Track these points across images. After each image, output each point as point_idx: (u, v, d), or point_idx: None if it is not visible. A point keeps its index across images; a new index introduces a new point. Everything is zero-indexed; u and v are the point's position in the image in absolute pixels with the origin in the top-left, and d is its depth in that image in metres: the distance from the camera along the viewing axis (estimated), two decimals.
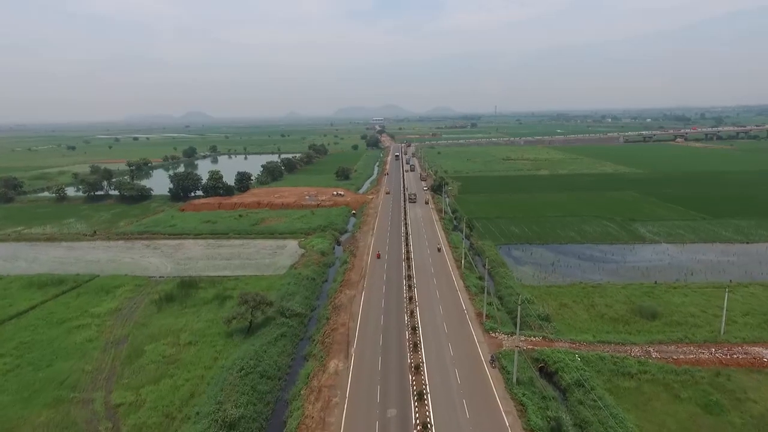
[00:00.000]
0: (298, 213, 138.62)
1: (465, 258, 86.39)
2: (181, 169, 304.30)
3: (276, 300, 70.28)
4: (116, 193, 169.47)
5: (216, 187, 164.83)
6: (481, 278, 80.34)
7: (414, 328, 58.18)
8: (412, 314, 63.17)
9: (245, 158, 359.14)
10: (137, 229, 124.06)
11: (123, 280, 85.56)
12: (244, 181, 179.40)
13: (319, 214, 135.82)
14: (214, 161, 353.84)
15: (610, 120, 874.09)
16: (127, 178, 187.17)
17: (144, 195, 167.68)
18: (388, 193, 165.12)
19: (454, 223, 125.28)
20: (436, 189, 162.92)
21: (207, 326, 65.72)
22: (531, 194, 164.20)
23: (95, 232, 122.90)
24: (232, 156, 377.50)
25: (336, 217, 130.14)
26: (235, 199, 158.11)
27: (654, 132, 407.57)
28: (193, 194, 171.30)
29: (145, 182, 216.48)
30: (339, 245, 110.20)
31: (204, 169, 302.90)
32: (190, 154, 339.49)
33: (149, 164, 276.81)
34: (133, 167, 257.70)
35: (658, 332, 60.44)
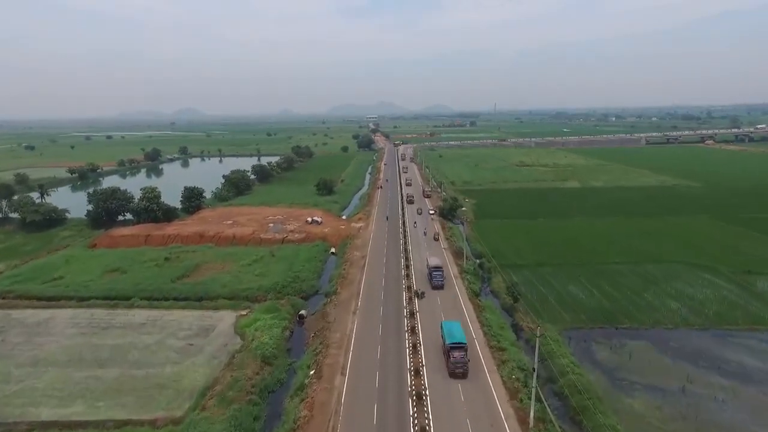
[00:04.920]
0: (253, 253, 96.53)
1: (528, 382, 44.79)
2: (142, 175, 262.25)
3: None
4: (18, 216, 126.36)
5: (150, 209, 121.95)
6: None
7: None
8: None
9: (220, 161, 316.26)
10: None
11: None
12: (193, 199, 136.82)
13: (281, 257, 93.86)
14: (185, 164, 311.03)
15: (614, 119, 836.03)
16: (37, 194, 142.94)
17: (56, 219, 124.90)
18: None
19: (482, 276, 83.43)
20: (447, 213, 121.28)
21: None
22: (571, 219, 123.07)
23: None
24: (206, 159, 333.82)
25: (305, 265, 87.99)
26: (173, 227, 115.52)
27: (680, 133, 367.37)
28: (123, 217, 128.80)
29: (77, 197, 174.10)
30: (302, 322, 68.33)
31: (171, 174, 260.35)
32: (154, 157, 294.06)
33: (98, 170, 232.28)
34: (75, 174, 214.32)
35: None
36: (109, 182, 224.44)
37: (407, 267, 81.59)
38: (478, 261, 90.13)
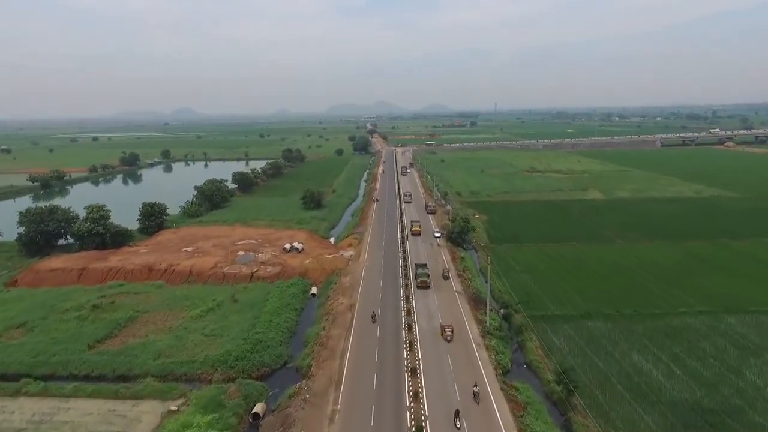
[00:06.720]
0: (210, 296, 74.81)
1: None
2: (117, 182, 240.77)
3: None
4: None
5: (94, 232, 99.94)
6: None
7: None
8: None
9: (206, 166, 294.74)
10: None
11: None
12: (153, 217, 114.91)
13: (245, 303, 72.11)
14: (167, 170, 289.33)
15: (617, 119, 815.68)
16: None
17: None
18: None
19: (513, 340, 61.54)
20: (456, 237, 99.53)
21: None
22: (608, 244, 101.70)
23: None
24: (191, 163, 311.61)
25: (273, 319, 65.85)
26: (118, 257, 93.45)
27: (696, 134, 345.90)
28: (65, 241, 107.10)
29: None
30: (257, 423, 46.44)
31: (149, 181, 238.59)
32: (132, 161, 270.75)
33: (65, 177, 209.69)
34: (36, 182, 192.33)
35: None
36: (78, 190, 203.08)
37: (409, 327, 59.84)
38: (502, 311, 68.40)
